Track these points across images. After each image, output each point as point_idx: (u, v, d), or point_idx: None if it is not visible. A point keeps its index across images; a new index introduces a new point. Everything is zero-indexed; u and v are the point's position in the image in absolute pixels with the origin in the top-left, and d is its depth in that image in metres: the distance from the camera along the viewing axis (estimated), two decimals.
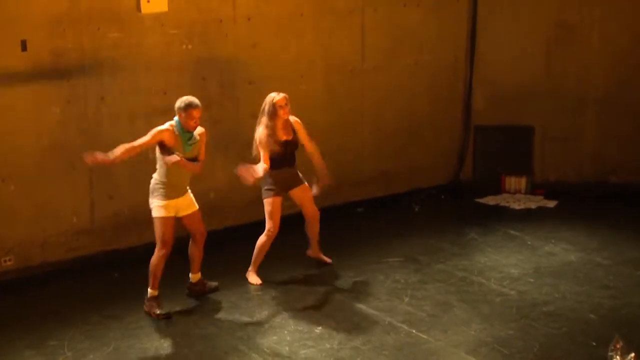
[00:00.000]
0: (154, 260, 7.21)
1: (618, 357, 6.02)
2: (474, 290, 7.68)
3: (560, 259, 8.34)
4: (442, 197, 10.25)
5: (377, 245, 8.76)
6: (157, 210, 7.16)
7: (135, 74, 8.27)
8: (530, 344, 6.66)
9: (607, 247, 8.60)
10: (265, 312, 7.33)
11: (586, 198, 9.98)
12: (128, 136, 7.55)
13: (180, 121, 7.10)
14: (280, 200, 7.80)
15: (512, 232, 9.06)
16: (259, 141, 7.62)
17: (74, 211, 8.21)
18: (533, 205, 9.94)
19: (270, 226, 7.81)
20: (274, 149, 7.60)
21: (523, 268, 8.13)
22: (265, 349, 6.68)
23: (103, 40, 8.05)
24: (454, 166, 10.46)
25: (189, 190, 7.37)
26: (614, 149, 10.16)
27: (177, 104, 7.12)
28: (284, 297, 7.64)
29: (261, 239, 7.88)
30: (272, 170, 7.65)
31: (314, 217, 8.04)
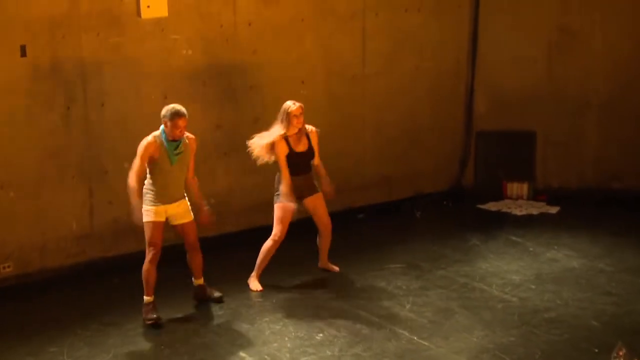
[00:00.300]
0: (144, 267, 7.23)
1: None
2: (476, 296, 7.65)
3: (562, 266, 8.31)
4: (444, 203, 10.22)
5: (379, 251, 8.73)
6: (145, 215, 7.18)
7: (135, 79, 8.25)
8: (532, 350, 6.64)
9: (609, 253, 8.57)
10: (266, 319, 7.30)
11: (588, 204, 9.94)
12: (128, 142, 7.54)
13: (166, 130, 7.07)
14: (292, 207, 7.71)
15: (514, 238, 9.03)
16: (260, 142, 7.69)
17: (73, 217, 8.18)
18: (535, 211, 9.91)
19: (277, 231, 7.77)
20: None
21: (525, 274, 8.10)
22: (266, 356, 6.65)
23: (103, 46, 8.03)
24: (456, 172, 10.43)
25: (186, 198, 7.34)
26: (616, 154, 10.11)
27: (162, 112, 7.07)
28: (285, 303, 7.61)
29: (267, 244, 7.84)
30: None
31: (327, 227, 7.99)
